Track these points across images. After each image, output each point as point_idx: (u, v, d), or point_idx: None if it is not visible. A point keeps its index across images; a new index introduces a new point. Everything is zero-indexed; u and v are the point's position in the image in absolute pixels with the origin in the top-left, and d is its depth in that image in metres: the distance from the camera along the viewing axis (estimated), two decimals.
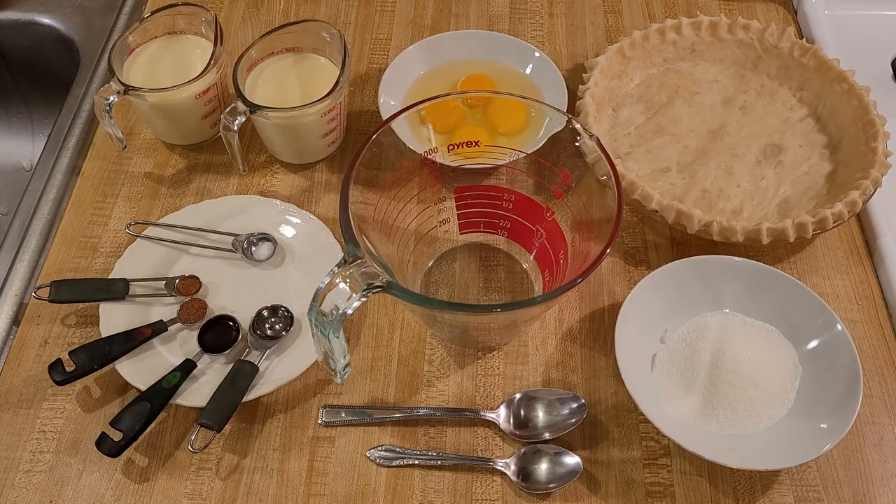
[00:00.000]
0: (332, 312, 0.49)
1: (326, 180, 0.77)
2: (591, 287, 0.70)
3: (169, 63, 0.75)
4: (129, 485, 0.59)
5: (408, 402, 0.64)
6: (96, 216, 0.74)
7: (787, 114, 0.79)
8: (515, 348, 0.67)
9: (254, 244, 0.70)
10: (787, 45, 0.80)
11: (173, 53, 0.76)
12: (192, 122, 0.76)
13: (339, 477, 0.60)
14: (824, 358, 0.62)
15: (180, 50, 0.76)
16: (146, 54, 0.75)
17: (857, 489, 0.60)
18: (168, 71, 0.75)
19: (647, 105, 0.80)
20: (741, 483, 0.60)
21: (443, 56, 0.82)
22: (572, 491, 0.59)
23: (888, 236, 0.71)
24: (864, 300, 0.70)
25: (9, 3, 0.94)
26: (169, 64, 0.75)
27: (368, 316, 0.68)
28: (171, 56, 0.76)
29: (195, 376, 0.62)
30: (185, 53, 0.76)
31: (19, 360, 0.65)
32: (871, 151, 0.71)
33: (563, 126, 0.59)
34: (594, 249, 0.53)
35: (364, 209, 0.57)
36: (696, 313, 0.66)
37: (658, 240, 0.73)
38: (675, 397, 0.62)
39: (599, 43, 0.89)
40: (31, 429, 0.62)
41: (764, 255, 0.71)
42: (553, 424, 0.61)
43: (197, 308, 0.66)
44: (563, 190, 0.61)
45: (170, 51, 0.76)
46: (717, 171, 0.75)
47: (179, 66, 0.75)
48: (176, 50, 0.76)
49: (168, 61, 0.75)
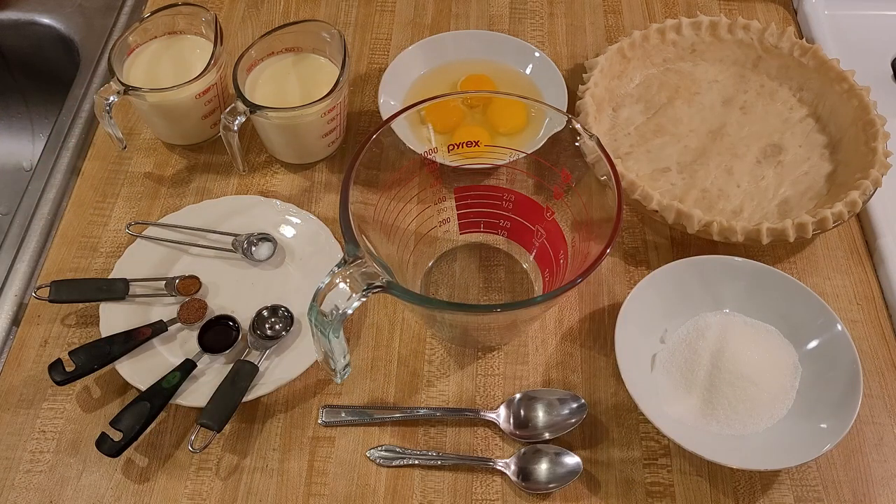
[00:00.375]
0: (332, 312, 0.49)
1: (326, 180, 0.77)
2: (591, 287, 0.70)
3: (169, 63, 0.75)
4: (129, 485, 0.59)
5: (408, 402, 0.64)
6: (96, 216, 0.74)
7: (787, 114, 0.79)
8: (515, 348, 0.67)
9: (254, 244, 0.70)
10: (787, 45, 0.80)
11: (173, 53, 0.76)
12: (192, 122, 0.76)
13: (339, 477, 0.60)
14: (824, 358, 0.62)
15: (180, 50, 0.76)
16: (146, 54, 0.75)
17: (857, 489, 0.60)
18: (168, 71, 0.75)
19: (647, 105, 0.80)
20: (741, 483, 0.60)
21: (443, 56, 0.82)
22: (572, 491, 0.59)
23: (888, 236, 0.71)
24: (864, 300, 0.70)
25: (9, 3, 0.94)
26: (169, 64, 0.75)
27: (368, 316, 0.68)
28: (171, 56, 0.76)
29: (195, 376, 0.62)
30: (186, 53, 0.76)
31: (19, 360, 0.65)
32: (871, 151, 0.71)
33: (563, 126, 0.59)
34: (594, 249, 0.53)
35: (364, 209, 0.57)
36: (696, 313, 0.66)
37: (658, 240, 0.73)
38: (675, 397, 0.62)
39: (599, 43, 0.89)
40: (31, 429, 0.62)
41: (764, 255, 0.71)
42: (553, 424, 0.61)
43: (197, 308, 0.66)
44: (563, 190, 0.61)
45: (170, 51, 0.76)
46: (717, 171, 0.75)
47: (179, 67, 0.75)
48: (176, 50, 0.76)
49: (168, 61, 0.75)
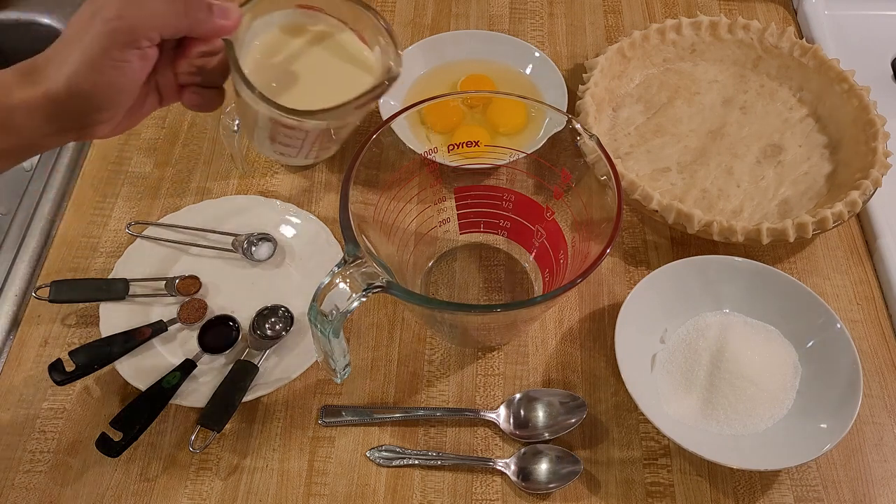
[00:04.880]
0: (332, 312, 0.49)
1: (326, 180, 0.77)
2: (591, 287, 0.70)
3: (305, 67, 0.52)
4: (129, 485, 0.59)
5: (408, 402, 0.64)
6: (96, 216, 0.74)
7: (787, 114, 0.79)
8: (515, 348, 0.67)
9: (254, 244, 0.70)
10: (787, 45, 0.80)
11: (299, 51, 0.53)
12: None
13: (339, 477, 0.60)
14: (824, 358, 0.62)
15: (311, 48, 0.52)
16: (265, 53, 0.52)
17: (857, 489, 0.60)
18: (307, 76, 0.52)
19: (647, 105, 0.80)
20: (741, 483, 0.60)
21: (443, 56, 0.82)
22: (572, 491, 0.59)
23: (888, 236, 0.71)
24: (864, 300, 0.70)
25: (9, 3, 0.94)
26: (305, 68, 0.52)
27: (368, 316, 0.68)
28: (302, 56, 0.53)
29: (195, 376, 0.62)
30: (319, 53, 0.52)
31: (19, 360, 0.65)
32: (871, 151, 0.71)
33: (563, 126, 0.59)
34: (594, 249, 0.53)
35: (364, 209, 0.57)
36: (696, 313, 0.66)
37: (658, 240, 0.73)
38: (675, 397, 0.62)
39: (599, 43, 0.89)
40: (31, 429, 0.62)
41: (764, 255, 0.71)
42: (553, 424, 0.61)
43: (197, 308, 0.66)
44: (563, 190, 0.61)
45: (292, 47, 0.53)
46: (717, 171, 0.75)
47: (318, 72, 0.52)
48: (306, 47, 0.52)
49: (301, 62, 0.53)
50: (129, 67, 0.43)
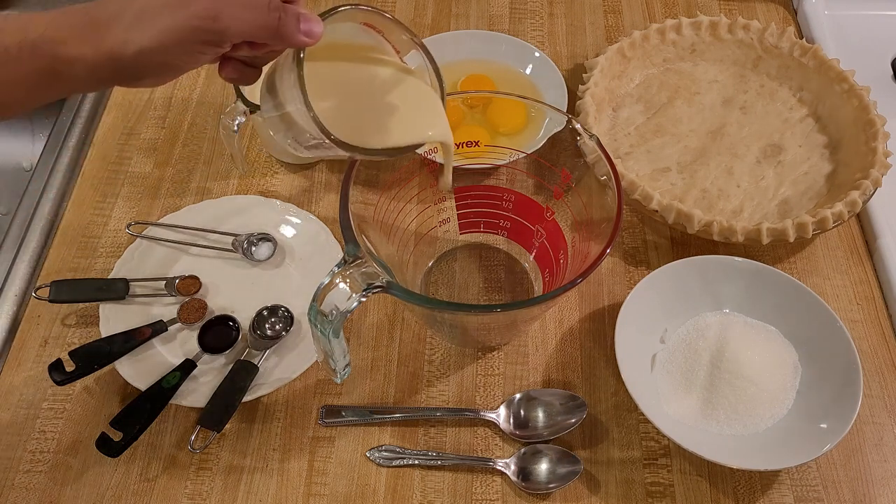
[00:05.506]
0: (332, 312, 0.49)
1: (326, 180, 0.77)
2: (591, 287, 0.70)
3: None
4: (129, 485, 0.59)
5: (408, 402, 0.64)
6: (96, 216, 0.74)
7: (787, 114, 0.79)
8: (515, 348, 0.67)
9: (254, 244, 0.70)
10: (787, 45, 0.80)
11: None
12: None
13: (339, 477, 0.60)
14: (824, 358, 0.62)
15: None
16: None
17: (857, 489, 0.60)
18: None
19: (647, 105, 0.80)
20: (741, 483, 0.60)
21: (443, 56, 0.82)
22: (572, 491, 0.59)
23: (888, 236, 0.71)
24: (864, 300, 0.70)
25: (9, 3, 0.94)
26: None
27: (368, 316, 0.68)
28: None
29: (195, 376, 0.62)
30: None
31: (19, 360, 0.65)
32: (871, 151, 0.71)
33: (563, 126, 0.59)
34: (594, 249, 0.53)
35: (364, 209, 0.57)
36: (696, 313, 0.66)
37: (658, 240, 0.73)
38: (675, 397, 0.62)
39: (599, 43, 0.89)
40: (31, 429, 0.62)
41: (764, 255, 0.71)
42: (553, 424, 0.61)
43: (197, 308, 0.66)
44: (563, 190, 0.61)
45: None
46: (717, 171, 0.75)
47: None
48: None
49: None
50: (203, 59, 0.44)
